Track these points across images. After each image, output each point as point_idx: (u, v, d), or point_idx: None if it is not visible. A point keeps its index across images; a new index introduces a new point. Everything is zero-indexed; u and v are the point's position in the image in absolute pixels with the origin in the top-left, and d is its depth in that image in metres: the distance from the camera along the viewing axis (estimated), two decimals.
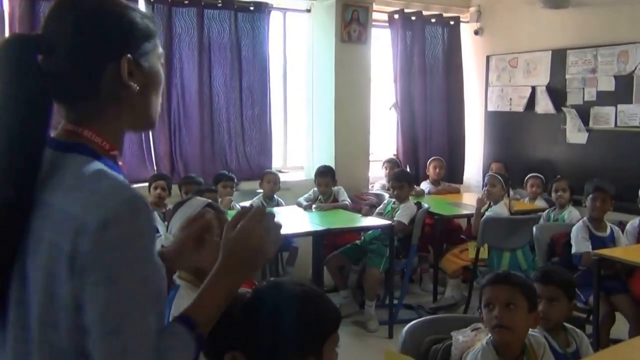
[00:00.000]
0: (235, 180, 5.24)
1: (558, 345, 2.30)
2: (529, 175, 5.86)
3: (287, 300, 1.38)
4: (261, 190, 5.52)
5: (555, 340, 2.34)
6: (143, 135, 5.27)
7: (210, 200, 2.24)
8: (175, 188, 4.93)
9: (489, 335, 2.10)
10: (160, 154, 5.43)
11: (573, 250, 4.17)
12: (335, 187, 5.46)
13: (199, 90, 5.48)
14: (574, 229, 4.25)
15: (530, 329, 2.25)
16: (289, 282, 1.46)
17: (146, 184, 4.87)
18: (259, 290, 1.43)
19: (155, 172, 5.29)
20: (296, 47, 6.33)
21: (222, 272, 1.23)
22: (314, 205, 5.28)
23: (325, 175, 5.43)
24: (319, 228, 4.54)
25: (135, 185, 4.66)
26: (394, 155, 6.58)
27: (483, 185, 5.26)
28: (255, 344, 1.35)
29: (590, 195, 4.25)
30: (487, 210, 5.10)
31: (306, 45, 6.28)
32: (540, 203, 5.65)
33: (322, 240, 4.51)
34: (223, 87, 5.61)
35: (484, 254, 4.95)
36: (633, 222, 4.41)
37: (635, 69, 5.55)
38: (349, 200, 5.43)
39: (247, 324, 1.36)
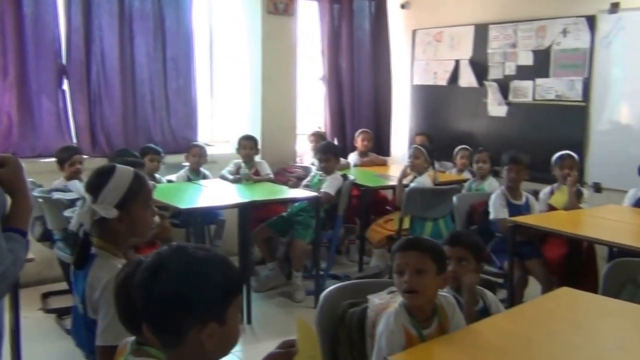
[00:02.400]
0: (162, 153, 5.17)
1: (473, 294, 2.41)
2: (458, 148, 6.03)
3: (189, 263, 1.36)
4: (187, 164, 5.47)
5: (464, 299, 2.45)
6: (60, 104, 5.12)
7: (134, 170, 2.18)
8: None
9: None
10: (81, 126, 5.28)
11: (490, 217, 4.33)
12: (258, 160, 5.46)
13: (121, 60, 5.34)
14: (492, 197, 4.41)
15: (440, 290, 2.39)
16: (191, 245, 1.43)
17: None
18: (159, 253, 1.39)
19: (75, 144, 5.15)
20: (222, 18, 6.25)
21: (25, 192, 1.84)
22: (242, 171, 5.26)
23: (249, 139, 5.46)
24: (245, 200, 4.54)
25: (51, 159, 4.57)
26: (319, 127, 6.63)
27: (408, 158, 5.36)
28: (158, 311, 1.33)
29: (507, 166, 4.42)
30: (411, 181, 5.22)
31: (232, 16, 6.22)
32: (466, 175, 5.83)
33: (248, 212, 4.52)
34: (146, 58, 5.50)
35: (408, 223, 5.08)
36: (545, 190, 4.62)
37: (552, 43, 5.76)
38: (271, 173, 5.44)
39: (148, 290, 1.34)
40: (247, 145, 5.45)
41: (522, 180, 4.45)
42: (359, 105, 6.86)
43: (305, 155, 6.37)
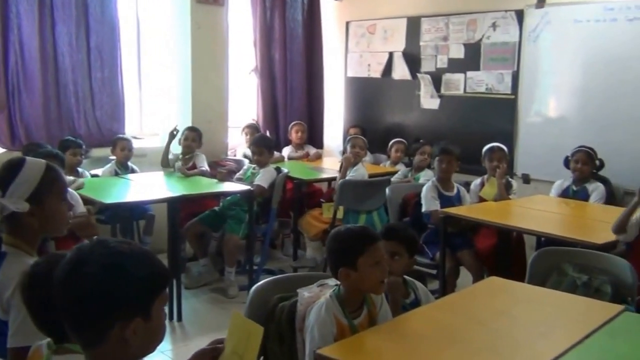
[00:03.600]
0: (84, 146, 5.02)
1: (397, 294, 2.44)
2: (393, 140, 6.12)
3: (111, 258, 1.32)
4: (114, 158, 5.34)
5: None
6: None
7: (46, 162, 2.11)
8: None
9: (334, 289, 2.20)
10: None
11: (423, 209, 4.41)
12: (197, 152, 5.39)
13: (41, 49, 5.15)
14: (424, 189, 4.49)
15: None
16: (112, 239, 1.39)
17: None
18: (80, 249, 1.35)
19: None
20: (150, 7, 6.12)
21: None
22: (176, 164, 5.18)
23: (192, 130, 5.41)
24: (175, 194, 4.47)
25: None
26: (253, 120, 6.59)
27: (344, 149, 5.39)
28: (79, 308, 1.30)
29: (437, 158, 4.51)
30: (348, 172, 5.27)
31: (160, 5, 6.10)
32: (400, 167, 5.90)
33: (178, 206, 4.45)
34: (68, 47, 5.32)
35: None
36: (476, 182, 4.74)
37: (483, 37, 5.90)
38: (207, 167, 5.39)
39: (68, 287, 1.31)
40: (190, 136, 5.37)
41: (453, 171, 4.55)
42: (292, 98, 6.85)
43: (238, 148, 6.32)
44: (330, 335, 2.07)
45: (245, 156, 5.88)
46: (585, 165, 4.57)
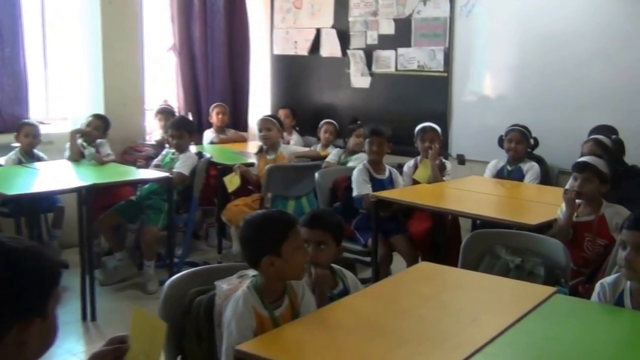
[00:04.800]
0: None
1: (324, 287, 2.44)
2: (322, 122, 6.10)
3: (4, 256, 1.29)
4: (18, 145, 5.13)
5: None
6: None
7: None
8: None
9: (251, 280, 2.18)
10: None
11: (354, 194, 4.43)
12: (99, 140, 5.22)
13: None
14: (355, 172, 4.51)
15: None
16: (1, 235, 1.35)
17: None
18: None
19: None
20: None
21: None
22: (87, 151, 5.01)
23: (100, 118, 5.26)
24: (86, 183, 4.33)
25: None
26: (165, 102, 6.45)
27: (259, 131, 5.35)
28: None
29: (368, 139, 4.53)
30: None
31: None
32: (331, 149, 5.90)
33: (91, 197, 4.32)
34: None
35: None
36: (409, 163, 4.79)
37: (413, 12, 5.95)
38: (112, 154, 5.23)
39: None
40: (93, 123, 5.20)
41: (384, 153, 4.57)
42: (213, 78, 6.76)
43: (153, 133, 6.19)
44: (249, 329, 2.06)
45: (159, 142, 5.74)
46: (520, 145, 4.68)
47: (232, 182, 5.14)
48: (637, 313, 2.26)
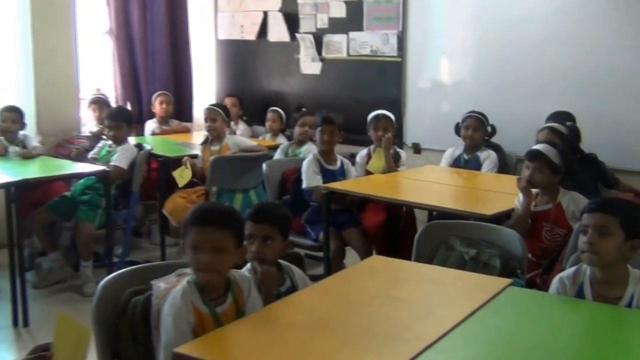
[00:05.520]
0: None
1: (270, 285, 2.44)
2: (269, 110, 6.09)
3: None
4: None
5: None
6: None
7: None
8: None
9: (191, 275, 2.17)
10: None
11: (303, 185, 4.43)
12: (22, 132, 5.10)
13: None
14: (304, 163, 4.51)
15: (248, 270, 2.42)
16: None
17: None
18: None
19: None
20: None
21: None
22: (11, 149, 4.89)
23: (10, 110, 5.10)
24: (13, 179, 4.23)
25: None
26: (99, 91, 6.35)
27: (204, 121, 5.32)
28: None
29: (319, 128, 4.53)
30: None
31: None
32: (282, 140, 5.90)
33: (19, 194, 4.22)
34: None
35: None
36: (361, 153, 4.81)
37: None
38: (40, 148, 5.11)
39: None
40: (8, 117, 5.05)
41: (336, 143, 4.58)
42: (154, 64, 6.69)
43: (89, 124, 6.09)
44: (186, 325, 2.05)
45: (95, 134, 5.64)
46: (477, 132, 4.74)
47: (182, 176, 5.09)
48: (596, 304, 2.30)
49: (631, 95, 4.80)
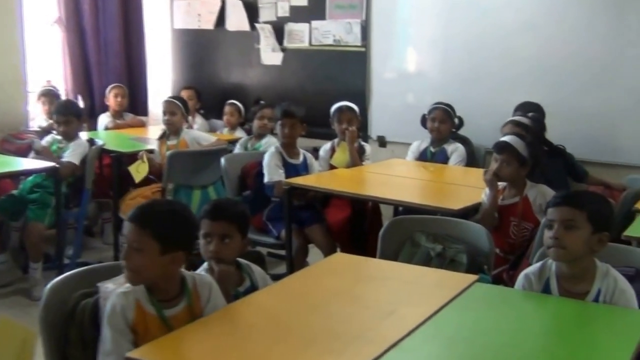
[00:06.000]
0: None
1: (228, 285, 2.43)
2: (226, 103, 6.07)
3: None
4: None
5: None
6: None
7: None
8: None
9: None
10: None
11: (265, 180, 4.41)
12: None
13: None
14: (266, 156, 4.50)
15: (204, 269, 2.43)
16: None
17: None
18: None
19: None
20: None
21: None
22: None
23: None
24: None
25: None
26: (48, 82, 6.26)
27: (163, 114, 5.28)
28: None
29: (279, 121, 4.52)
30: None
31: None
32: (240, 134, 5.88)
33: None
34: None
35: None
36: (325, 147, 4.81)
37: None
38: None
39: None
40: None
41: (297, 136, 4.58)
42: (106, 55, 6.64)
43: (38, 118, 6.01)
44: (122, 322, 2.06)
45: (44, 129, 5.57)
46: (443, 124, 4.77)
47: (139, 170, 5.03)
48: (562, 299, 2.34)
49: (602, 86, 4.87)
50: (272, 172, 4.42)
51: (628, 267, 2.58)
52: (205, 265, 2.46)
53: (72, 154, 4.83)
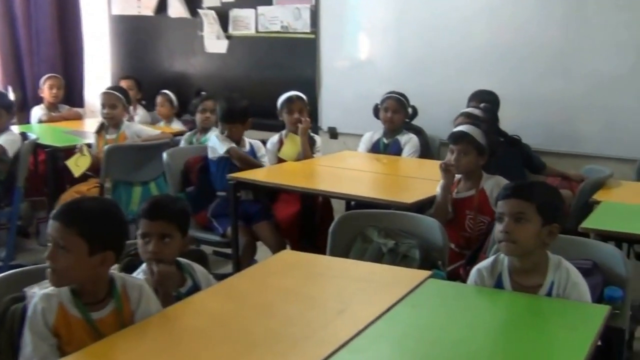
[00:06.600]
0: None
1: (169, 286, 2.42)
2: (159, 94, 6.04)
3: None
4: None
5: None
6: None
7: None
8: None
9: None
10: None
11: (221, 151, 4.38)
12: None
13: None
14: (212, 139, 4.51)
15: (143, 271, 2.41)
16: None
17: None
18: None
19: None
20: None
21: None
22: None
23: None
24: None
25: None
26: None
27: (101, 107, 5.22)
28: None
29: (222, 123, 4.49)
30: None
31: None
32: (176, 125, 5.83)
33: None
34: None
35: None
36: (272, 139, 4.80)
37: None
38: None
39: None
40: None
41: (242, 134, 4.56)
42: (39, 44, 6.57)
43: None
44: (42, 325, 2.03)
45: None
46: (396, 114, 4.79)
47: (78, 164, 4.97)
48: (515, 294, 2.37)
49: (560, 73, 4.93)
50: (222, 144, 4.39)
51: (585, 260, 2.64)
52: (143, 266, 2.44)
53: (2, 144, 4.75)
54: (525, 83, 5.03)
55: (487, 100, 4.62)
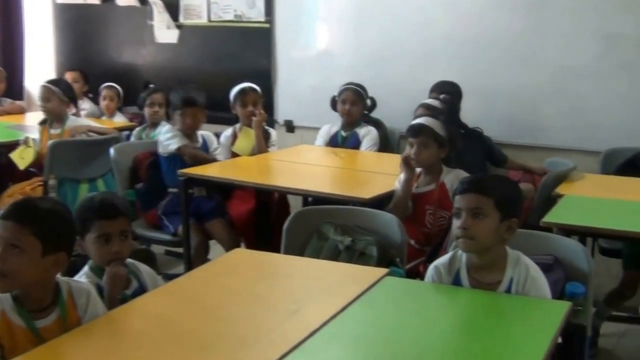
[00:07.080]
0: None
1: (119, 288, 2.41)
2: (102, 86, 6.01)
3: None
4: None
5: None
6: None
7: None
8: None
9: None
10: None
11: (173, 147, 4.39)
12: None
13: None
14: (163, 130, 4.52)
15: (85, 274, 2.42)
16: None
17: None
18: None
19: None
20: None
21: None
22: None
23: None
24: None
25: None
26: None
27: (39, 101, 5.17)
28: None
29: (179, 111, 4.45)
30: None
31: None
32: (119, 119, 5.82)
33: None
34: None
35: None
36: (225, 133, 4.78)
37: None
38: None
39: None
40: None
41: (201, 125, 4.55)
42: None
43: None
44: None
45: None
46: (355, 106, 4.81)
47: (23, 157, 4.92)
48: (473, 291, 2.40)
49: (522, 63, 4.94)
50: (176, 140, 4.39)
51: (546, 255, 2.67)
52: (86, 269, 2.43)
53: None
54: (486, 74, 5.03)
55: (448, 92, 4.63)
